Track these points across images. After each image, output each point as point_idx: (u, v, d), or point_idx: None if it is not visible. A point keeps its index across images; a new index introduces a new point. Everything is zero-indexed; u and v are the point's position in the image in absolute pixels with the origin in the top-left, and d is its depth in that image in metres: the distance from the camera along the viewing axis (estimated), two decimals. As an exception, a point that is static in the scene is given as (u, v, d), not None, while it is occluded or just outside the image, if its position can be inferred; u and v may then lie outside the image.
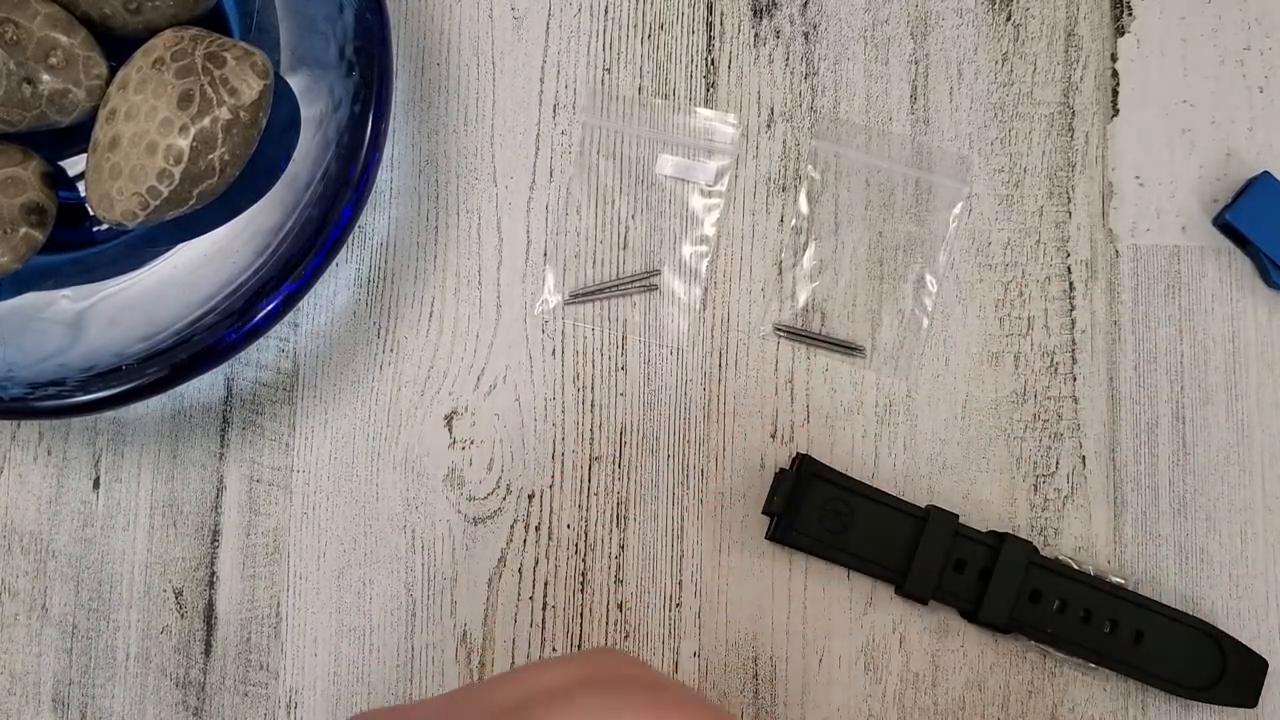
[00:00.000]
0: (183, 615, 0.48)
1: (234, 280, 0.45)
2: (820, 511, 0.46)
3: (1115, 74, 0.50)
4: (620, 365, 0.49)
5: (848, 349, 0.48)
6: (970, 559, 0.46)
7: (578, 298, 0.49)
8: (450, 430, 0.49)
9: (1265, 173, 0.48)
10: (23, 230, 0.43)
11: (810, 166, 0.49)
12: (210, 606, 0.48)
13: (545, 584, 0.48)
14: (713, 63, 0.50)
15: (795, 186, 0.49)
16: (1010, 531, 0.47)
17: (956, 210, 0.49)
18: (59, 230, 0.46)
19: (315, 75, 0.45)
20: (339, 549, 0.48)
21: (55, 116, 0.44)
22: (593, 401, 0.49)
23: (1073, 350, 0.48)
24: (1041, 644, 0.46)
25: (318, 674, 0.48)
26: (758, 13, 0.50)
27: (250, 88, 0.42)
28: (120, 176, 0.42)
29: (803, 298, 0.49)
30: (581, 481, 0.48)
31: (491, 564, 0.48)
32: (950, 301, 0.49)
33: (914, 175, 0.49)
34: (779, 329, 0.49)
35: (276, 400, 0.49)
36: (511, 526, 0.48)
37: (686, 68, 0.50)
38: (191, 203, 0.43)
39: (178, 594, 0.48)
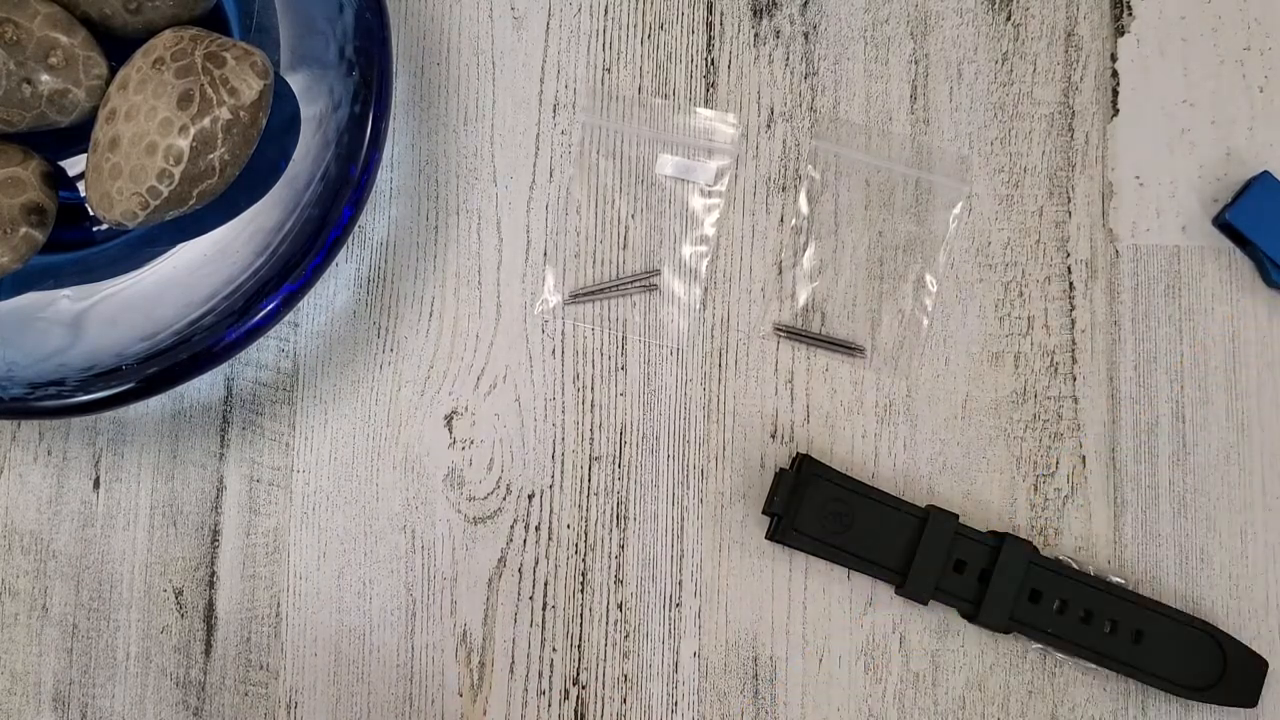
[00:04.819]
0: (183, 615, 0.48)
1: (234, 280, 0.45)
2: (820, 511, 0.46)
3: (1115, 74, 0.50)
4: (620, 365, 0.49)
5: (848, 349, 0.48)
6: (970, 559, 0.46)
7: (578, 298, 0.49)
8: (450, 430, 0.49)
9: (1265, 173, 0.48)
10: (23, 230, 0.43)
11: (810, 166, 0.49)
12: (210, 606, 0.48)
13: (545, 584, 0.48)
14: (713, 63, 0.50)
15: (795, 186, 0.49)
16: (1010, 531, 0.47)
17: (956, 210, 0.49)
18: (59, 230, 0.46)
19: (315, 75, 0.45)
20: (339, 549, 0.48)
21: (55, 116, 0.44)
22: (593, 401, 0.49)
23: (1073, 350, 0.48)
24: (1042, 644, 0.46)
25: (318, 674, 0.48)
26: (758, 13, 0.50)
27: (250, 88, 0.42)
28: (120, 176, 0.42)
29: (803, 298, 0.49)
30: (581, 481, 0.48)
31: (491, 564, 0.48)
32: (950, 301, 0.49)
33: (914, 175, 0.49)
34: (779, 329, 0.48)
35: (276, 400, 0.49)
36: (511, 526, 0.48)
37: (686, 68, 0.50)
38: (191, 203, 0.43)
39: (178, 594, 0.48)
